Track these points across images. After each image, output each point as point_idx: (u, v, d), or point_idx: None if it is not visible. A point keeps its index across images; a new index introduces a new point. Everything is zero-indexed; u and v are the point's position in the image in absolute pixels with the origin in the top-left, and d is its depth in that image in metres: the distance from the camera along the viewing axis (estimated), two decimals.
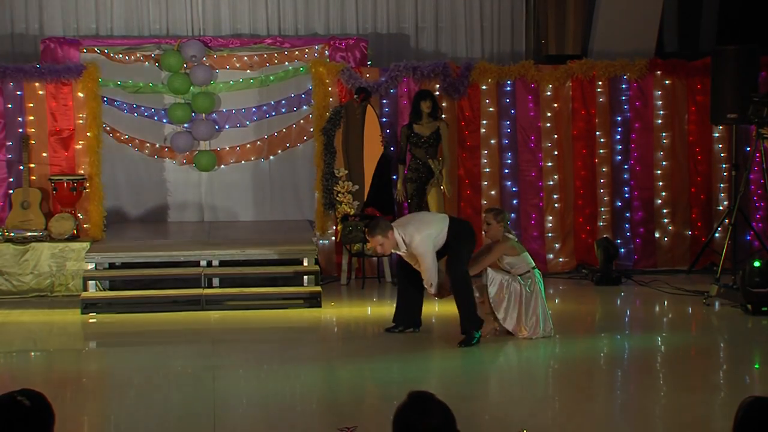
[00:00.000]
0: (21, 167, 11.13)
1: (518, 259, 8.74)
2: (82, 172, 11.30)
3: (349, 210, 11.33)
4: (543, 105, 12.00)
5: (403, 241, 8.51)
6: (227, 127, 12.62)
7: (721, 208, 12.05)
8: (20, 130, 11.25)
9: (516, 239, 8.95)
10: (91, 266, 10.55)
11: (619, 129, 12.12)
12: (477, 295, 8.62)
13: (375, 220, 9.03)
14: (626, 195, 12.17)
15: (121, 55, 12.23)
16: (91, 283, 10.41)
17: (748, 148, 11.46)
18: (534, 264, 8.86)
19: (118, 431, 6.81)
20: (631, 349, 8.83)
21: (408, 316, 8.95)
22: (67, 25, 12.80)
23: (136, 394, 7.49)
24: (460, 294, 8.51)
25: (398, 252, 8.71)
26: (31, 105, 11.27)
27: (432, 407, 3.34)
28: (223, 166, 12.65)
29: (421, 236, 8.49)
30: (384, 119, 11.75)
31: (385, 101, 11.85)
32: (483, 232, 8.91)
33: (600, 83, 12.02)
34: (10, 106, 11.25)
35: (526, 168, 12.02)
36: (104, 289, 10.49)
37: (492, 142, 11.95)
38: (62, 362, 8.59)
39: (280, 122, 12.60)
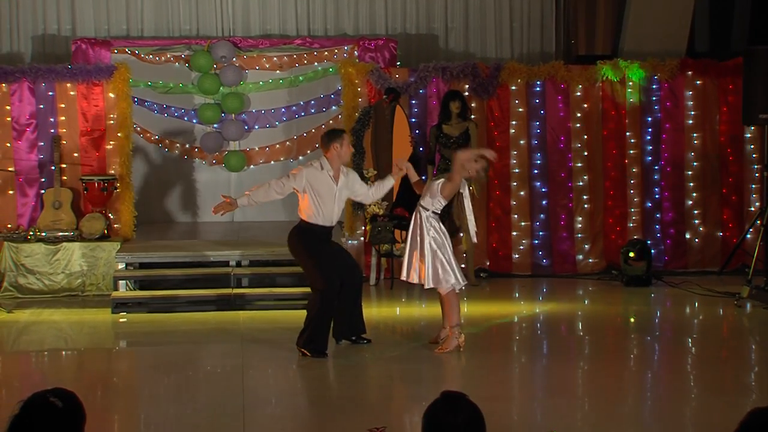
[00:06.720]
0: (52, 167, 11.20)
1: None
2: (112, 172, 11.36)
3: (377, 210, 11.32)
4: (573, 105, 11.96)
5: None
6: (257, 127, 12.66)
7: (752, 209, 11.96)
8: (52, 131, 11.33)
9: None
10: (121, 266, 10.61)
11: (650, 129, 12.06)
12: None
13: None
14: (656, 196, 12.10)
15: (151, 56, 12.30)
16: (121, 282, 10.48)
17: None
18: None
19: (149, 430, 6.85)
20: (661, 351, 8.78)
21: (349, 327, 8.61)
22: (99, 26, 12.90)
23: (165, 393, 7.53)
24: None
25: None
26: (63, 105, 11.34)
27: (462, 406, 3.36)
28: (252, 166, 12.70)
29: None
30: (413, 119, 11.74)
31: (414, 101, 11.84)
32: None
33: (630, 83, 11.96)
34: (41, 106, 11.32)
35: (556, 168, 11.97)
36: (134, 289, 10.55)
37: (521, 142, 11.92)
38: (93, 361, 8.65)
39: (309, 122, 12.64)
